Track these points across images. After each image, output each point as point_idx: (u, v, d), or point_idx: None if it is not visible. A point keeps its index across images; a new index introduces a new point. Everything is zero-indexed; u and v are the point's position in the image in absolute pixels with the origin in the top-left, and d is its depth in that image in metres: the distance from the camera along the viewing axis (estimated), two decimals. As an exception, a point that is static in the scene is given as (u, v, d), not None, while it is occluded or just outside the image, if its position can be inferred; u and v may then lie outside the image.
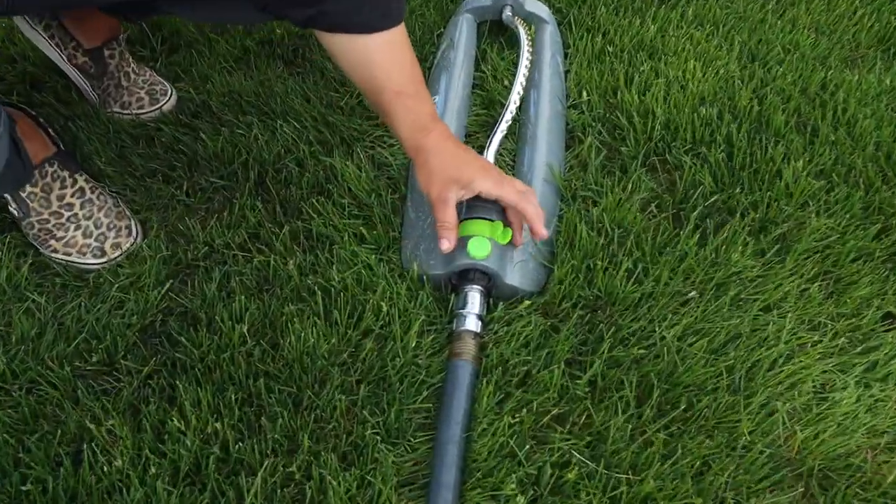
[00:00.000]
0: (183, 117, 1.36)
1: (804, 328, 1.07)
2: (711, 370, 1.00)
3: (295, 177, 1.23)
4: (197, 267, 1.13)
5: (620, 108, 1.35)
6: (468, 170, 1.03)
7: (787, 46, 1.54)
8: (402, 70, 1.05)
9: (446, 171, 1.02)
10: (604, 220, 1.16)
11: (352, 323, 1.04)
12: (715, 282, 1.10)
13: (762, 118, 1.35)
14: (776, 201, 1.21)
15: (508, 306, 1.07)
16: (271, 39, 1.54)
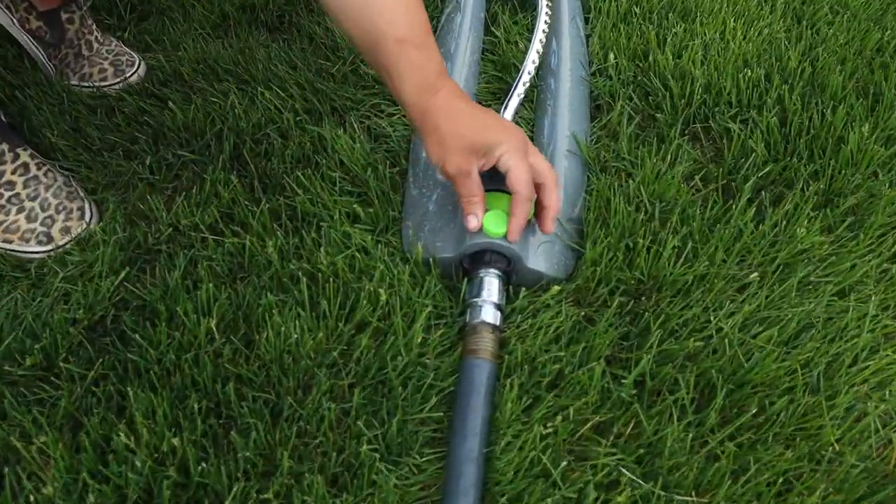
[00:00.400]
0: (150, 86, 1.18)
1: (889, 315, 0.89)
2: (784, 365, 0.81)
3: (277, 149, 1.05)
4: (159, 252, 0.95)
5: (654, 71, 1.17)
6: (489, 133, 0.85)
7: (836, 7, 1.37)
8: (406, 13, 0.86)
9: (464, 137, 0.84)
10: (642, 194, 0.98)
11: (343, 315, 0.86)
12: (778, 262, 0.92)
13: (815, 81, 1.18)
14: (841, 171, 1.03)
15: (532, 294, 0.89)
16: (254, 4, 1.36)
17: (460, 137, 0.84)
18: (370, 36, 0.85)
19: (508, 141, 0.84)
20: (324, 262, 0.89)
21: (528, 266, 0.88)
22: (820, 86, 1.17)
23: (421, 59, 0.85)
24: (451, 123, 0.85)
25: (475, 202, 0.86)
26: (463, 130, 0.84)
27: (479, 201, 0.86)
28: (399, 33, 0.84)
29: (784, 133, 1.09)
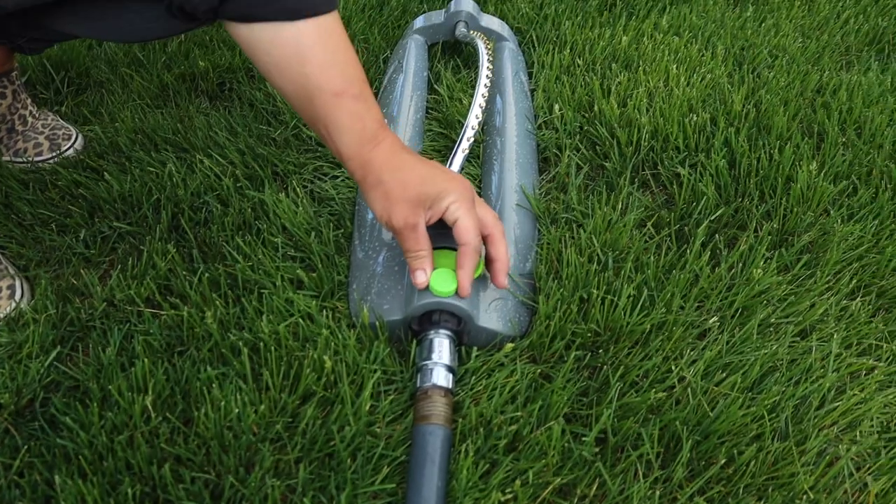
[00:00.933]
0: (86, 158, 1.14)
1: (852, 353, 0.87)
2: (750, 412, 0.78)
3: (217, 216, 1.02)
4: (92, 329, 0.90)
5: (600, 121, 1.16)
6: (436, 183, 0.81)
7: (774, 52, 1.38)
8: (341, 66, 0.82)
9: (409, 188, 0.81)
10: (594, 244, 0.96)
11: (287, 385, 0.81)
12: (737, 305, 0.90)
13: (760, 123, 1.17)
14: (793, 210, 1.02)
15: (486, 353, 0.85)
16: (193, 73, 1.34)
17: (405, 189, 0.81)
18: (305, 91, 0.81)
19: (456, 191, 0.81)
20: (265, 332, 0.85)
21: (480, 324, 0.84)
22: (765, 127, 1.17)
23: (359, 110, 0.82)
24: (395, 175, 0.81)
25: (422, 257, 0.82)
26: (408, 182, 0.81)
27: (426, 256, 0.82)
28: (335, 86, 0.81)
29: (734, 175, 1.08)
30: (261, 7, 0.77)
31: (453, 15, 1.31)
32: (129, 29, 0.91)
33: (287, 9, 0.77)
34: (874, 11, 1.52)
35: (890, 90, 1.29)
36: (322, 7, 0.79)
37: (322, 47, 0.80)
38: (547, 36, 1.39)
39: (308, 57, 0.80)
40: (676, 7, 1.51)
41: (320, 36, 0.80)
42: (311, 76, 0.80)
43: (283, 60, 0.80)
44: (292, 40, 0.79)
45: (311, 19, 0.79)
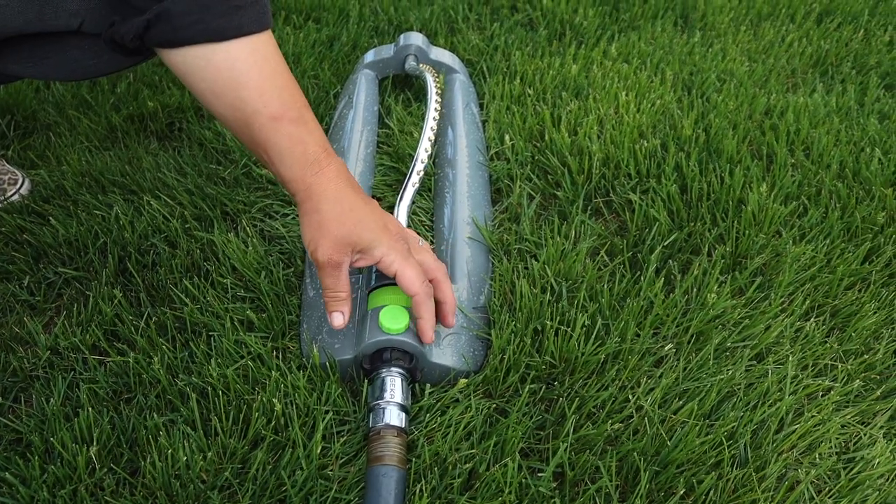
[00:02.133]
0: (31, 203, 1.12)
1: (809, 374, 0.87)
2: (708, 440, 0.77)
3: (164, 259, 0.99)
4: (36, 379, 0.87)
5: (551, 150, 1.16)
6: (371, 231, 0.79)
7: (722, 75, 1.40)
8: (279, 89, 0.78)
9: (342, 227, 0.79)
10: (547, 274, 0.95)
11: (236, 430, 0.79)
12: (692, 331, 0.89)
13: (710, 147, 1.18)
14: (745, 232, 1.02)
15: (440, 390, 0.84)
16: (142, 114, 1.32)
17: (339, 226, 0.79)
18: (242, 115, 0.78)
19: (388, 243, 0.80)
20: (214, 376, 0.83)
21: (433, 361, 0.83)
22: (716, 150, 1.17)
23: (299, 133, 0.79)
24: (333, 208, 0.79)
25: (340, 299, 0.80)
26: (343, 219, 0.79)
27: (344, 298, 0.81)
28: (272, 110, 0.78)
29: (685, 199, 1.08)
30: (185, 30, 0.74)
31: (403, 49, 1.31)
32: (73, 66, 0.89)
33: (211, 30, 0.74)
34: (817, 34, 1.55)
35: (835, 110, 1.31)
36: (250, 27, 0.76)
37: (258, 70, 0.77)
38: (497, 67, 1.39)
39: (243, 81, 0.77)
40: (625, 35, 1.52)
41: (255, 58, 0.77)
42: (248, 100, 0.77)
43: (219, 85, 0.77)
44: (226, 64, 0.76)
45: (244, 41, 0.76)
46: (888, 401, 0.85)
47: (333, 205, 0.79)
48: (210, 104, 0.79)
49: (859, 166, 1.16)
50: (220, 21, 0.73)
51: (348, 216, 0.79)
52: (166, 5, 0.72)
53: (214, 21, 0.73)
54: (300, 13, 1.59)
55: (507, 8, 1.60)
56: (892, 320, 0.93)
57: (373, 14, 1.59)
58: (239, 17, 0.74)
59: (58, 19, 0.83)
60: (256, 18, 0.76)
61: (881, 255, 1.00)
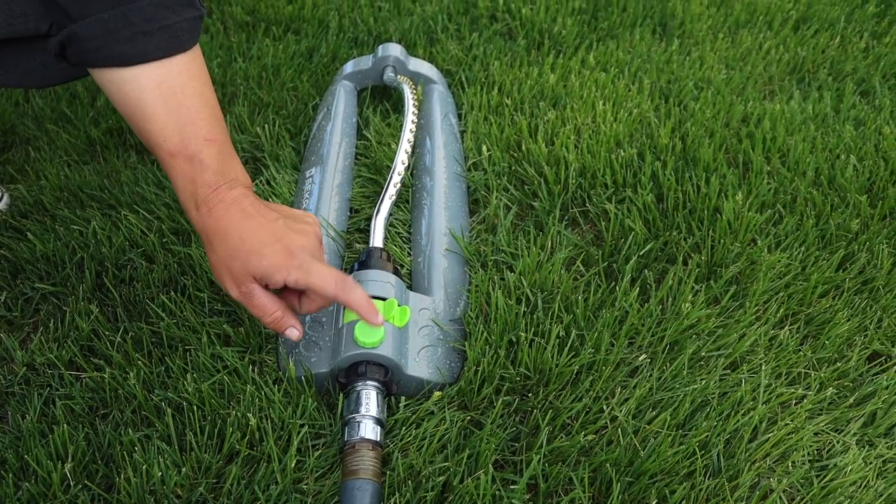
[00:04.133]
0: (8, 219, 1.12)
1: (782, 383, 0.87)
2: (681, 450, 0.78)
3: (141, 273, 0.99)
4: (12, 396, 0.87)
5: (528, 160, 1.17)
6: (264, 258, 0.76)
7: (700, 83, 1.41)
8: (181, 123, 0.76)
9: (235, 261, 0.76)
10: (522, 286, 0.95)
11: (211, 445, 0.79)
12: (667, 341, 0.90)
13: (687, 155, 1.19)
14: (720, 241, 1.03)
15: (415, 402, 0.84)
16: (121, 127, 1.32)
17: (233, 261, 0.76)
18: (148, 144, 0.78)
19: (286, 265, 0.76)
20: (189, 391, 0.83)
21: (409, 373, 0.83)
22: (692, 159, 1.18)
23: (192, 172, 0.77)
24: (224, 245, 0.77)
25: (279, 318, 0.79)
26: (236, 253, 0.76)
27: (282, 315, 0.79)
28: (170, 146, 0.76)
29: (661, 209, 1.09)
30: (92, 53, 0.73)
31: (381, 60, 1.31)
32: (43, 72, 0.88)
33: (115, 55, 0.73)
34: (794, 41, 1.56)
35: (811, 118, 1.32)
36: (156, 54, 0.74)
37: (163, 103, 0.75)
38: (476, 77, 1.40)
39: (148, 113, 0.75)
40: (604, 43, 1.53)
41: (161, 90, 0.75)
42: (151, 133, 0.76)
43: (128, 112, 0.77)
44: (134, 94, 0.75)
45: (153, 69, 0.74)
46: (861, 408, 0.86)
47: (224, 241, 0.77)
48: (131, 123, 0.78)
49: (835, 173, 1.17)
50: (123, 47, 0.72)
51: (240, 249, 0.76)
52: (75, 28, 0.72)
53: (118, 46, 0.72)
54: (279, 24, 1.60)
55: (486, 17, 1.61)
56: (865, 328, 0.94)
57: (352, 25, 1.60)
58: (144, 43, 0.73)
59: (27, 23, 0.82)
60: (164, 45, 0.74)
61: (854, 263, 1.01)
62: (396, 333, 0.85)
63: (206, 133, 0.77)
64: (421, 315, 0.90)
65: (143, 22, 0.72)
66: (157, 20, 0.73)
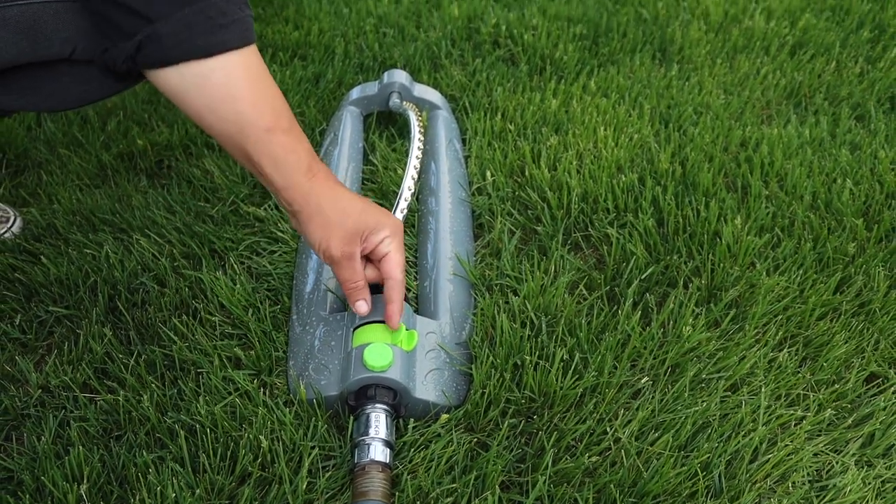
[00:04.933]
0: (22, 242, 1.14)
1: (782, 404, 0.89)
2: (683, 471, 0.80)
3: (154, 297, 1.02)
4: (27, 417, 0.89)
5: (531, 186, 1.20)
6: (374, 215, 0.87)
7: (699, 108, 1.43)
8: (271, 100, 0.83)
9: (347, 219, 0.85)
10: (527, 309, 0.98)
11: (224, 467, 0.81)
12: (668, 363, 0.92)
13: (687, 180, 1.21)
14: (720, 264, 1.05)
15: (423, 425, 0.86)
16: (132, 151, 1.35)
17: (346, 217, 0.84)
18: (236, 128, 0.82)
19: (391, 226, 0.87)
20: (202, 413, 0.85)
21: (417, 396, 0.85)
22: (692, 184, 1.21)
23: (293, 142, 0.84)
24: (334, 204, 0.85)
25: (360, 287, 0.86)
26: (348, 211, 0.85)
27: (364, 286, 0.87)
28: (266, 122, 0.82)
29: (662, 233, 1.11)
30: (175, 49, 0.77)
31: (387, 86, 1.34)
32: (63, 95, 0.92)
33: (198, 47, 0.77)
34: (790, 66, 1.59)
35: (808, 142, 1.34)
36: (233, 43, 0.79)
37: (251, 84, 0.81)
38: (479, 102, 1.43)
39: (239, 95, 0.81)
40: (604, 69, 1.56)
41: (248, 73, 0.81)
42: (244, 113, 0.81)
43: (216, 101, 0.81)
44: (222, 80, 0.80)
45: (235, 57, 0.80)
46: (859, 429, 0.88)
47: (333, 202, 0.85)
48: (206, 119, 0.82)
49: (831, 197, 1.19)
50: (206, 38, 0.77)
51: (350, 208, 0.85)
52: (156, 27, 0.76)
53: (201, 38, 0.77)
54: (286, 50, 1.63)
55: (489, 43, 1.64)
56: (863, 350, 0.96)
57: (358, 51, 1.63)
58: (222, 34, 0.78)
59: (51, 48, 0.86)
60: (239, 35, 0.79)
61: (852, 285, 1.04)
62: (404, 357, 0.87)
63: (290, 110, 0.85)
64: (428, 339, 0.92)
65: (220, 16, 0.77)
66: (229, 14, 0.78)
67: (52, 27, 0.85)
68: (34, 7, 0.85)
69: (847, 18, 1.80)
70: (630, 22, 1.74)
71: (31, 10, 0.85)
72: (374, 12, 1.77)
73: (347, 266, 0.85)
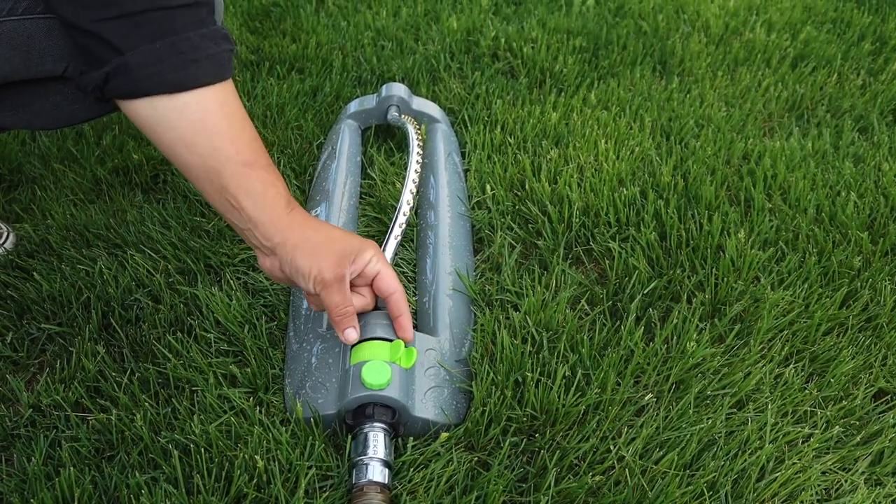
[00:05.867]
0: (14, 258, 1.12)
1: (789, 421, 0.87)
2: (689, 490, 0.78)
3: (148, 314, 1.00)
4: (17, 438, 0.87)
5: (531, 199, 1.18)
6: (355, 240, 0.87)
7: (700, 121, 1.42)
8: (248, 136, 0.81)
9: (334, 244, 0.84)
10: (528, 325, 0.96)
11: (218, 488, 0.79)
12: (672, 380, 0.90)
13: (689, 193, 1.20)
14: (724, 279, 1.03)
15: (422, 443, 0.84)
16: (127, 166, 1.33)
17: (332, 242, 0.84)
18: (214, 163, 0.80)
19: (373, 247, 0.87)
20: (196, 432, 0.83)
21: (416, 415, 0.83)
22: (694, 197, 1.19)
23: (272, 178, 0.83)
24: (318, 232, 0.85)
25: (350, 312, 0.85)
26: (333, 237, 0.85)
27: (353, 312, 0.86)
28: (245, 157, 0.80)
29: (665, 247, 1.10)
30: (144, 81, 0.76)
31: (385, 99, 1.33)
32: (55, 113, 0.91)
33: (168, 81, 0.76)
34: (792, 79, 1.58)
35: (811, 154, 1.33)
36: (207, 79, 0.78)
37: (228, 121, 0.80)
38: (479, 115, 1.41)
39: (216, 130, 0.79)
40: (605, 82, 1.55)
41: (224, 110, 0.80)
42: (222, 149, 0.79)
43: (190, 135, 0.79)
44: (199, 115, 0.78)
45: (208, 91, 0.78)
46: (868, 446, 0.86)
47: (316, 231, 0.85)
48: (177, 153, 0.80)
49: (835, 210, 1.18)
50: (176, 73, 0.75)
51: (333, 234, 0.86)
52: (126, 58, 0.74)
53: (171, 73, 0.75)
54: (284, 64, 1.62)
55: (488, 56, 1.63)
56: (870, 365, 0.94)
57: (356, 64, 1.62)
58: (194, 69, 0.76)
59: (44, 65, 0.85)
60: (212, 71, 0.78)
61: (858, 300, 1.02)
62: (403, 375, 0.85)
63: (263, 147, 0.84)
64: (427, 356, 0.90)
65: (192, 51, 0.76)
66: (202, 49, 0.77)
67: (45, 44, 0.84)
68: (27, 23, 0.84)
69: (848, 31, 1.80)
70: (630, 34, 1.73)
71: (24, 27, 0.84)
72: (372, 25, 1.76)
73: (339, 289, 0.83)
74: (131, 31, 0.74)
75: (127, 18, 0.73)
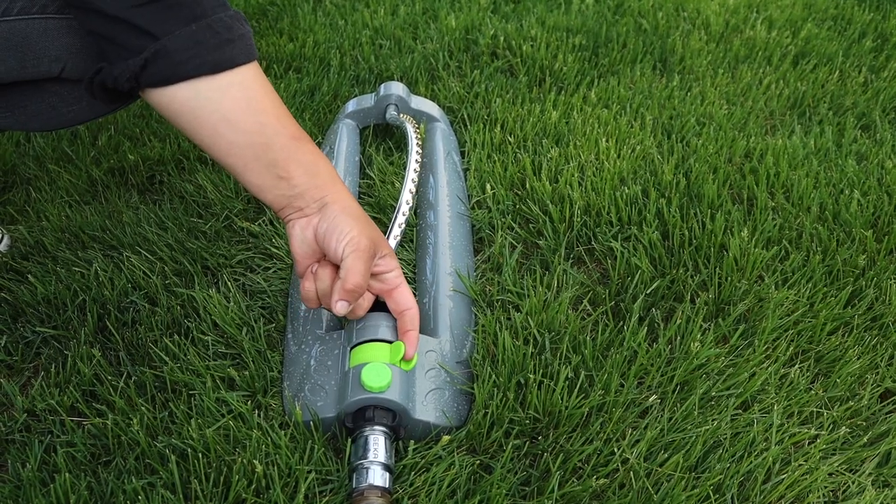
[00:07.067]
0: (9, 261, 1.11)
1: (795, 422, 0.86)
2: (695, 493, 0.77)
3: (144, 316, 0.99)
4: (12, 443, 0.86)
5: (532, 199, 1.17)
6: (385, 241, 0.88)
7: (702, 119, 1.41)
8: (287, 112, 0.83)
9: (373, 230, 0.85)
10: (529, 326, 0.95)
11: (216, 493, 0.77)
12: (676, 381, 0.89)
13: (691, 192, 1.19)
14: (727, 278, 1.02)
15: (424, 447, 0.83)
16: (123, 167, 1.32)
17: (371, 228, 0.85)
18: (262, 138, 0.79)
19: (395, 260, 0.88)
20: (194, 437, 0.81)
21: (416, 417, 0.82)
22: (696, 195, 1.18)
23: (316, 150, 0.84)
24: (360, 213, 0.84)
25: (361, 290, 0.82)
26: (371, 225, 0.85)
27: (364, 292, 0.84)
28: (291, 131, 0.81)
29: (667, 246, 1.09)
30: (184, 64, 0.75)
31: (383, 98, 1.32)
32: (50, 114, 0.90)
33: (208, 63, 0.75)
34: (793, 76, 1.57)
35: (814, 152, 1.32)
36: (243, 58, 0.78)
37: (269, 97, 0.80)
38: (478, 114, 1.40)
39: (260, 108, 0.79)
40: (605, 80, 1.54)
41: (262, 86, 0.80)
42: (268, 124, 0.79)
43: (236, 113, 0.78)
44: (241, 93, 0.78)
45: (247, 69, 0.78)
46: (875, 447, 0.85)
47: (358, 210, 0.85)
48: (221, 135, 0.78)
49: (839, 208, 1.16)
50: (215, 54, 0.75)
51: (371, 224, 0.85)
52: (163, 42, 0.73)
53: (210, 54, 0.75)
54: (281, 63, 1.60)
55: (487, 55, 1.62)
56: (876, 365, 0.93)
57: (354, 63, 1.60)
58: (230, 49, 0.76)
59: (39, 66, 0.84)
60: (245, 51, 0.78)
61: (863, 299, 1.01)
62: (404, 377, 0.84)
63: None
64: (427, 357, 0.89)
65: (226, 31, 0.76)
66: (235, 29, 0.77)
67: (41, 45, 0.83)
68: (22, 24, 0.83)
69: (849, 28, 1.79)
70: (630, 32, 1.71)
71: (20, 27, 0.83)
72: (370, 24, 1.75)
73: (367, 260, 0.82)
74: (167, 16, 0.73)
75: (161, 3, 0.73)
